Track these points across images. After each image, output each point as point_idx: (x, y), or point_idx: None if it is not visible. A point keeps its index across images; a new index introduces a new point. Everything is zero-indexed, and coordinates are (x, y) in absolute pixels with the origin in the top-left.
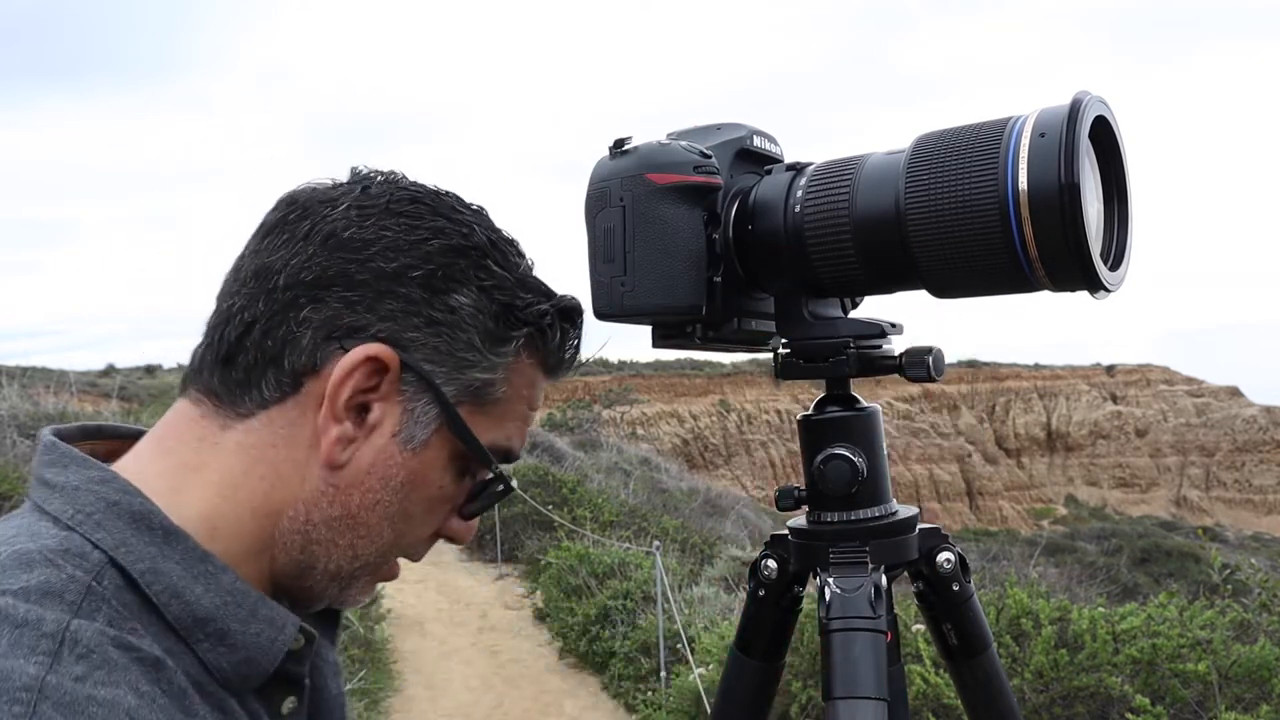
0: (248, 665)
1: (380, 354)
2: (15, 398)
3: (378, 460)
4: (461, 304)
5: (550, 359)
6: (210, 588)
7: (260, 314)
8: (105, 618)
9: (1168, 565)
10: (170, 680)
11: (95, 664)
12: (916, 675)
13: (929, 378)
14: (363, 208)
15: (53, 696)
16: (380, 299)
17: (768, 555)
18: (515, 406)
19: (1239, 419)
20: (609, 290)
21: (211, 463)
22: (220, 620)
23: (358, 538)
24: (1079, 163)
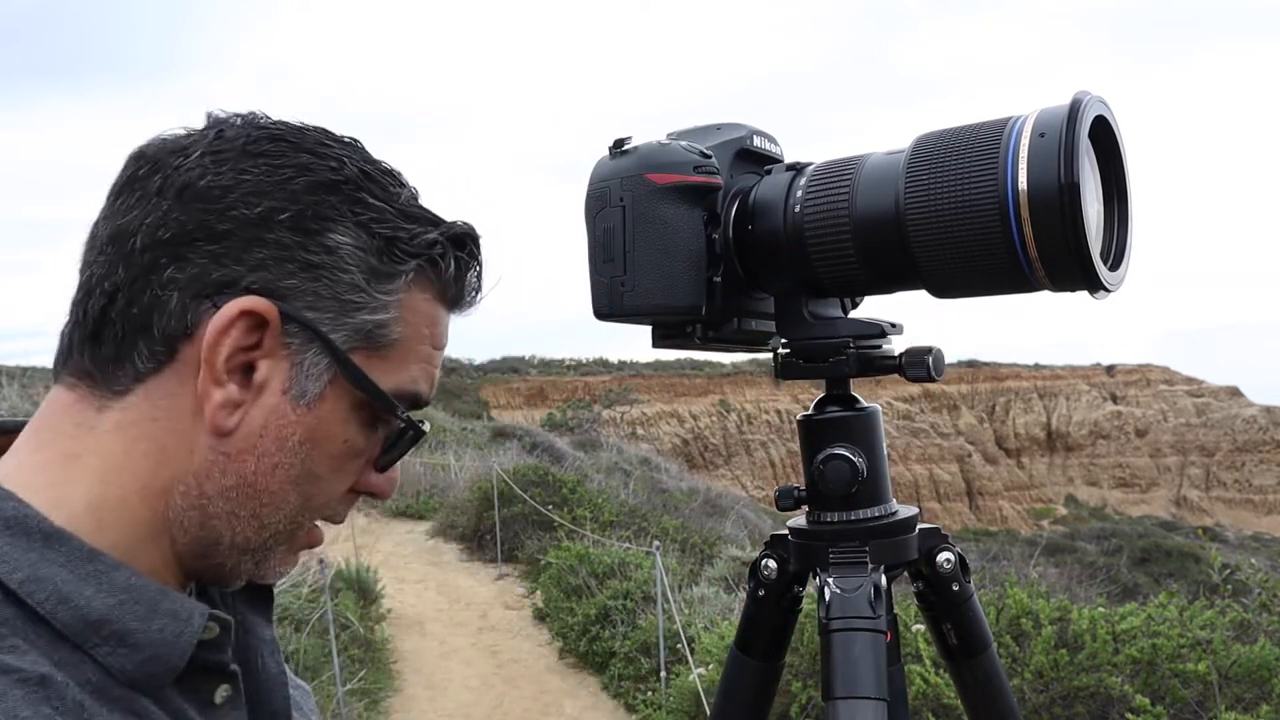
0: (154, 663)
1: (256, 307)
2: (15, 398)
3: (270, 421)
4: (339, 243)
5: (449, 291)
6: (102, 588)
7: (121, 281)
8: None
9: (1168, 565)
10: (61, 696)
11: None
12: (916, 675)
13: (929, 378)
14: (218, 153)
15: None
16: (248, 248)
17: (768, 555)
18: (416, 347)
19: (1239, 419)
20: (609, 290)
21: (90, 448)
22: (116, 621)
23: (260, 506)
24: (1079, 163)
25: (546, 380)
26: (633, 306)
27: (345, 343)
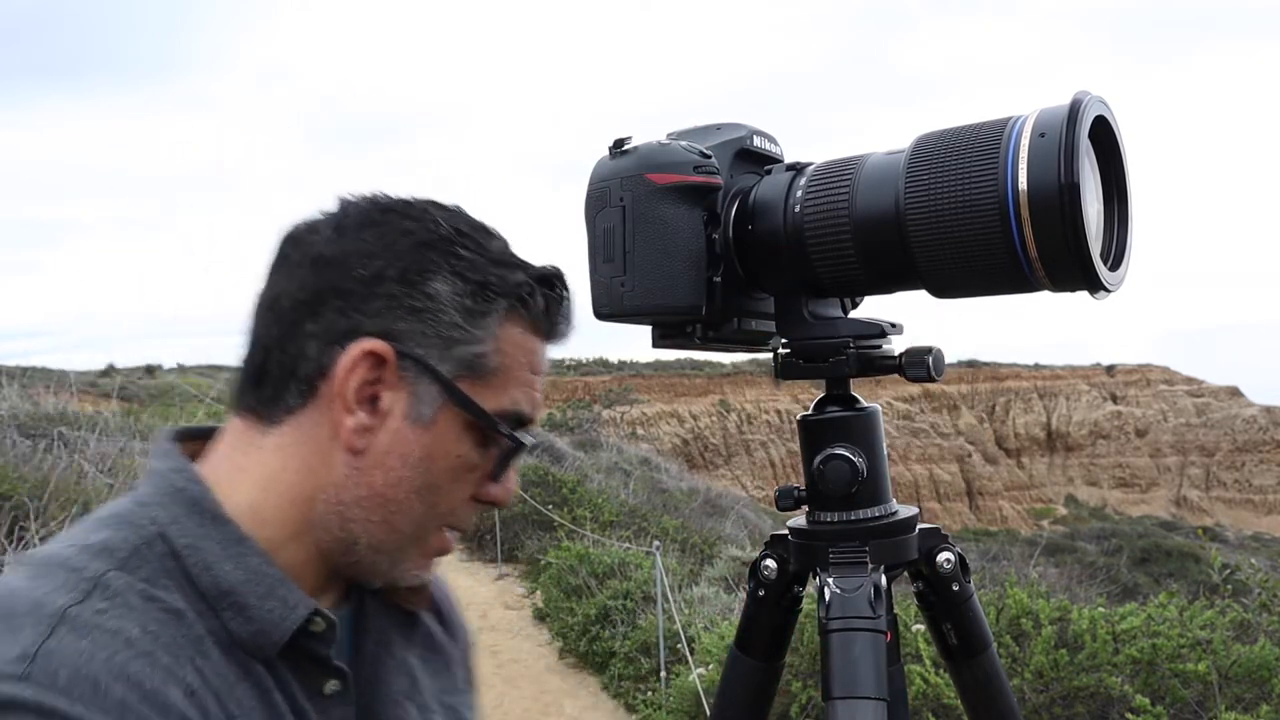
0: (261, 636)
1: (375, 347)
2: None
3: (394, 441)
4: (438, 290)
5: (540, 323)
6: (238, 566)
7: (274, 337)
8: (143, 574)
9: (1168, 565)
10: (188, 628)
11: (116, 604)
12: (916, 675)
13: (929, 378)
14: (340, 227)
15: (71, 622)
16: (366, 300)
17: (768, 555)
18: (515, 373)
19: (1239, 419)
20: (609, 290)
21: (254, 464)
22: (240, 594)
23: (390, 513)
24: (1079, 163)
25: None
26: (633, 306)
27: (451, 372)
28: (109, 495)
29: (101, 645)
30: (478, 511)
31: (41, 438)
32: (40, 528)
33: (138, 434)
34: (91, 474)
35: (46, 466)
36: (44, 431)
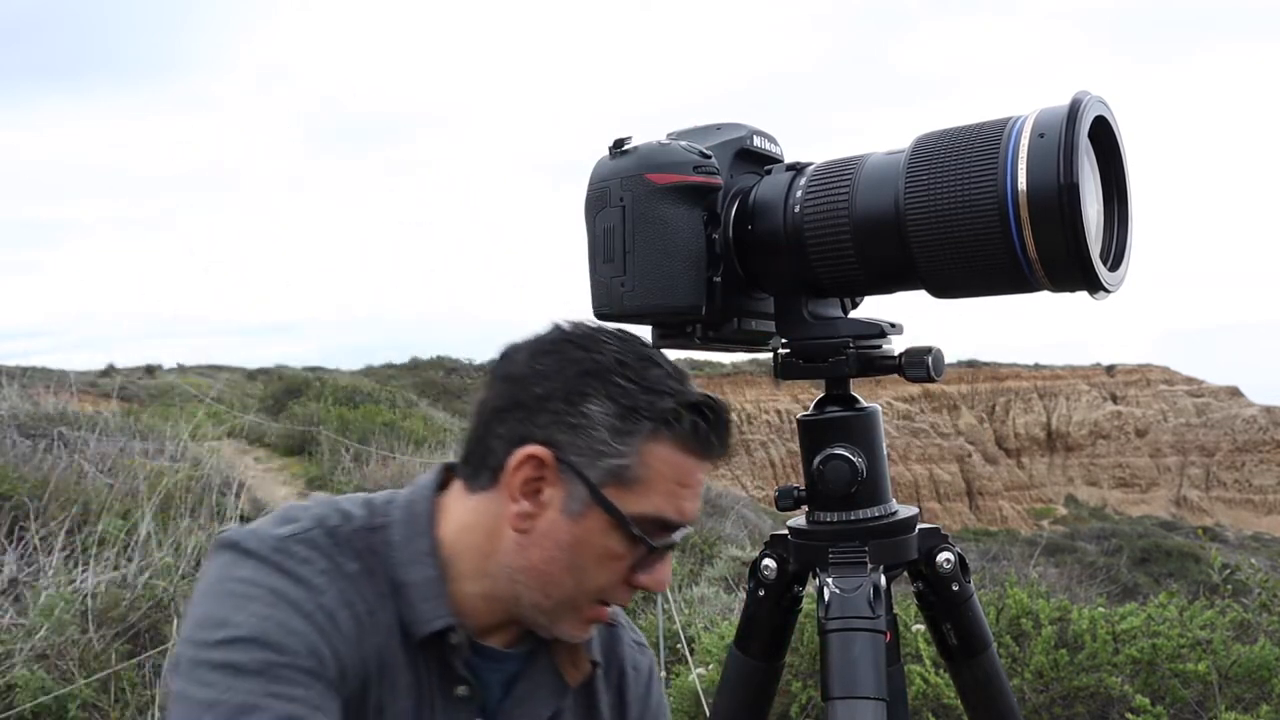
0: (412, 626)
1: (538, 453)
2: (15, 398)
3: (550, 528)
4: (592, 410)
5: (688, 443)
6: (416, 572)
7: (478, 433)
8: (363, 541)
9: (1168, 565)
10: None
11: (338, 542)
12: (916, 675)
13: (928, 378)
14: (532, 352)
15: (311, 534)
16: (537, 414)
17: (767, 555)
18: (659, 484)
19: (1239, 419)
20: (609, 290)
21: (459, 512)
22: (409, 591)
23: (545, 584)
24: (1078, 163)
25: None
26: (633, 306)
27: (598, 479)
28: (109, 495)
29: (324, 553)
30: (627, 593)
31: (41, 438)
32: (40, 527)
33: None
34: (91, 474)
35: (46, 466)
36: (44, 431)
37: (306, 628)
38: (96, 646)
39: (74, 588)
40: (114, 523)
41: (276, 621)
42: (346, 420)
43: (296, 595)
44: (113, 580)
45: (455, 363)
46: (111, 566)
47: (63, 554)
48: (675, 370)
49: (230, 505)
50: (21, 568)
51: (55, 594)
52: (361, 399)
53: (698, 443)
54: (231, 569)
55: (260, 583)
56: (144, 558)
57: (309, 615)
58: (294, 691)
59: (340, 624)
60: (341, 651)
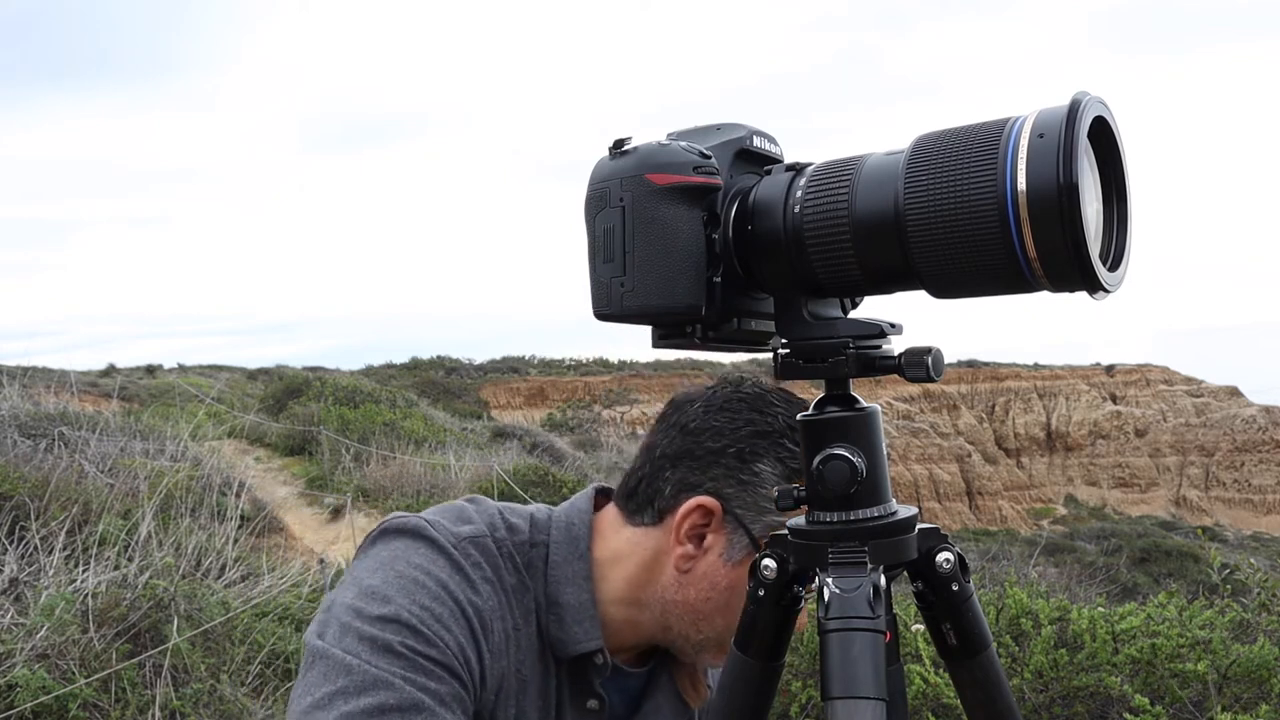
0: (560, 645)
1: (707, 503)
2: (16, 398)
3: (709, 570)
4: (763, 469)
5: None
6: (572, 595)
7: (646, 473)
8: (523, 556)
9: (1167, 565)
10: (526, 598)
11: (502, 553)
12: (916, 675)
13: (928, 378)
14: (707, 406)
15: (483, 542)
16: (710, 467)
17: (767, 555)
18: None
19: (1238, 419)
20: (608, 290)
21: (616, 540)
22: (562, 611)
23: (697, 619)
24: (1078, 163)
25: (546, 380)
26: (633, 307)
27: (759, 533)
28: (109, 495)
29: (489, 562)
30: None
31: (42, 438)
32: (41, 527)
33: (138, 434)
34: (92, 474)
35: (47, 466)
36: (44, 431)
37: (462, 629)
38: (97, 646)
39: (74, 587)
40: (114, 522)
41: (436, 615)
42: (347, 420)
43: (462, 596)
44: (113, 580)
45: (455, 363)
46: (112, 566)
47: (63, 554)
48: None
49: (231, 505)
50: (22, 567)
51: (56, 594)
52: (361, 399)
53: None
54: (410, 554)
55: (434, 574)
56: (144, 558)
57: (468, 618)
58: (429, 684)
59: (493, 633)
60: (487, 660)
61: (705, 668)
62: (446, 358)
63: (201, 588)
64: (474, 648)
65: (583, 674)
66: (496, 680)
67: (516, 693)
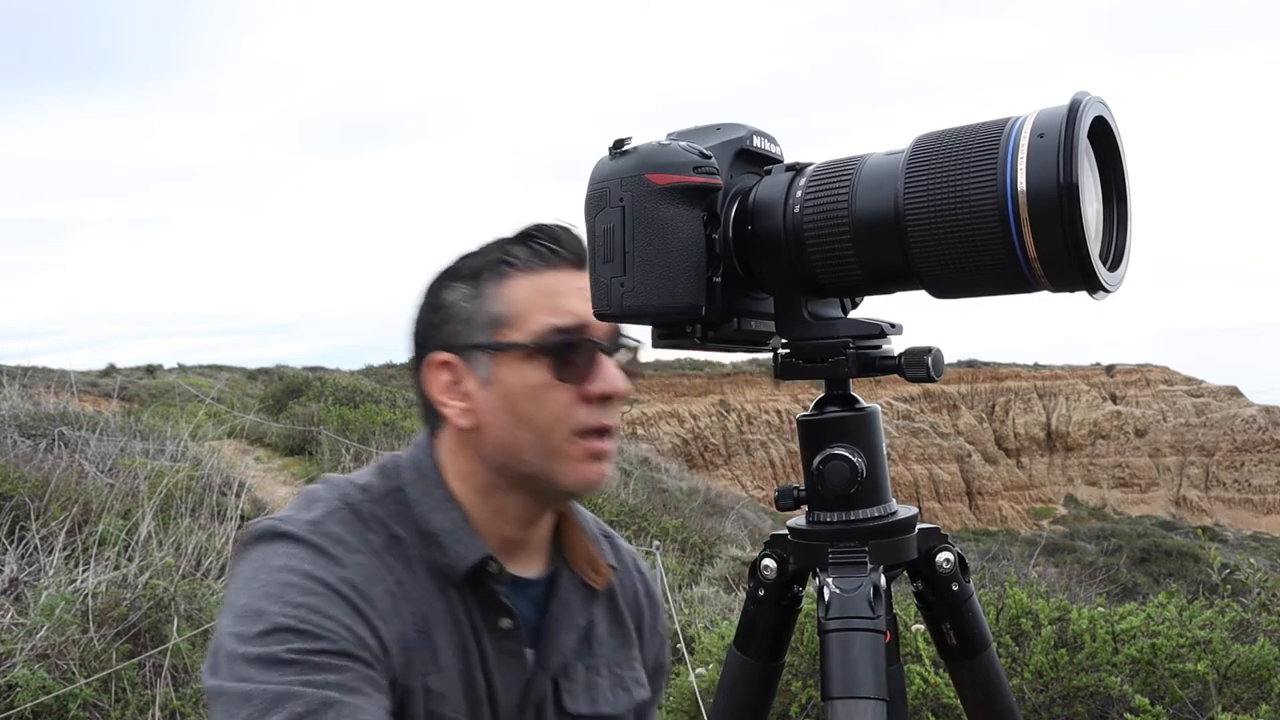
0: (450, 568)
1: (435, 359)
2: (16, 398)
3: (484, 406)
4: (450, 298)
5: (534, 263)
6: (440, 519)
7: (418, 396)
8: (384, 509)
9: (1167, 565)
10: (404, 550)
11: (362, 518)
12: (916, 675)
13: (928, 378)
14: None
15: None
16: (424, 340)
17: (767, 555)
18: (532, 306)
19: (1238, 419)
20: (609, 290)
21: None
22: (441, 536)
23: (515, 451)
24: (1078, 163)
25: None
26: (632, 307)
27: (484, 338)
28: (109, 495)
29: (352, 533)
30: (594, 410)
31: (42, 437)
32: (41, 527)
33: (138, 434)
34: (92, 473)
35: (47, 466)
36: (45, 431)
37: (343, 610)
38: (97, 646)
39: (74, 587)
40: (114, 522)
41: (311, 608)
42: (347, 420)
43: (332, 578)
44: (113, 580)
45: None
46: (112, 566)
47: (63, 554)
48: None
49: (230, 505)
50: (22, 567)
51: (56, 594)
52: (361, 399)
53: (541, 259)
54: (268, 558)
55: (296, 569)
56: (144, 557)
57: (345, 597)
58: (329, 677)
59: (375, 601)
60: (379, 628)
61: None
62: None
63: (201, 588)
64: (362, 622)
65: (486, 594)
66: (397, 642)
67: (422, 641)
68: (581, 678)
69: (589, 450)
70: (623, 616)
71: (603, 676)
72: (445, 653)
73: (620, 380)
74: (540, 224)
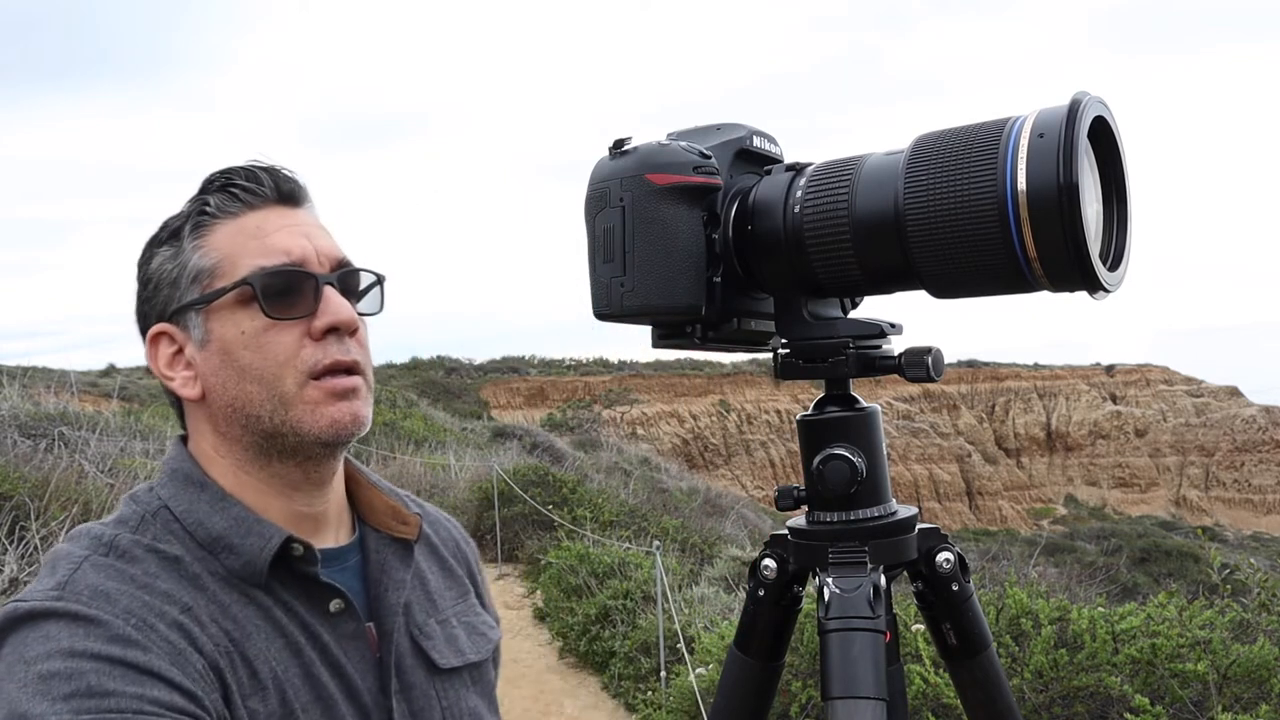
0: (249, 566)
1: (152, 332)
2: (16, 398)
3: (208, 369)
4: (153, 268)
5: (229, 206)
6: (224, 517)
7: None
8: (149, 534)
9: (1167, 565)
10: (185, 570)
11: (124, 556)
12: (916, 675)
13: (928, 378)
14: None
15: (91, 563)
16: (144, 318)
17: (767, 555)
18: (238, 250)
19: (1238, 419)
20: (609, 290)
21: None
22: (227, 537)
23: (247, 406)
24: (1078, 163)
25: (546, 380)
26: (633, 307)
27: (191, 296)
28: (109, 495)
29: (112, 577)
30: (325, 348)
31: (42, 438)
32: (40, 527)
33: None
34: (92, 474)
35: (47, 466)
36: (44, 431)
37: (125, 678)
38: None
39: None
40: None
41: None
42: None
43: (98, 645)
44: None
45: (455, 363)
46: None
47: None
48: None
49: None
50: (22, 567)
51: None
52: None
53: (241, 202)
54: (22, 649)
55: (55, 651)
56: None
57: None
58: None
59: (156, 644)
60: (176, 675)
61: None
62: (446, 358)
63: None
64: (152, 680)
65: (300, 579)
66: (206, 671)
67: (230, 666)
68: (439, 633)
69: (328, 390)
70: (450, 565)
71: (456, 627)
72: (268, 664)
73: (346, 309)
74: (233, 166)
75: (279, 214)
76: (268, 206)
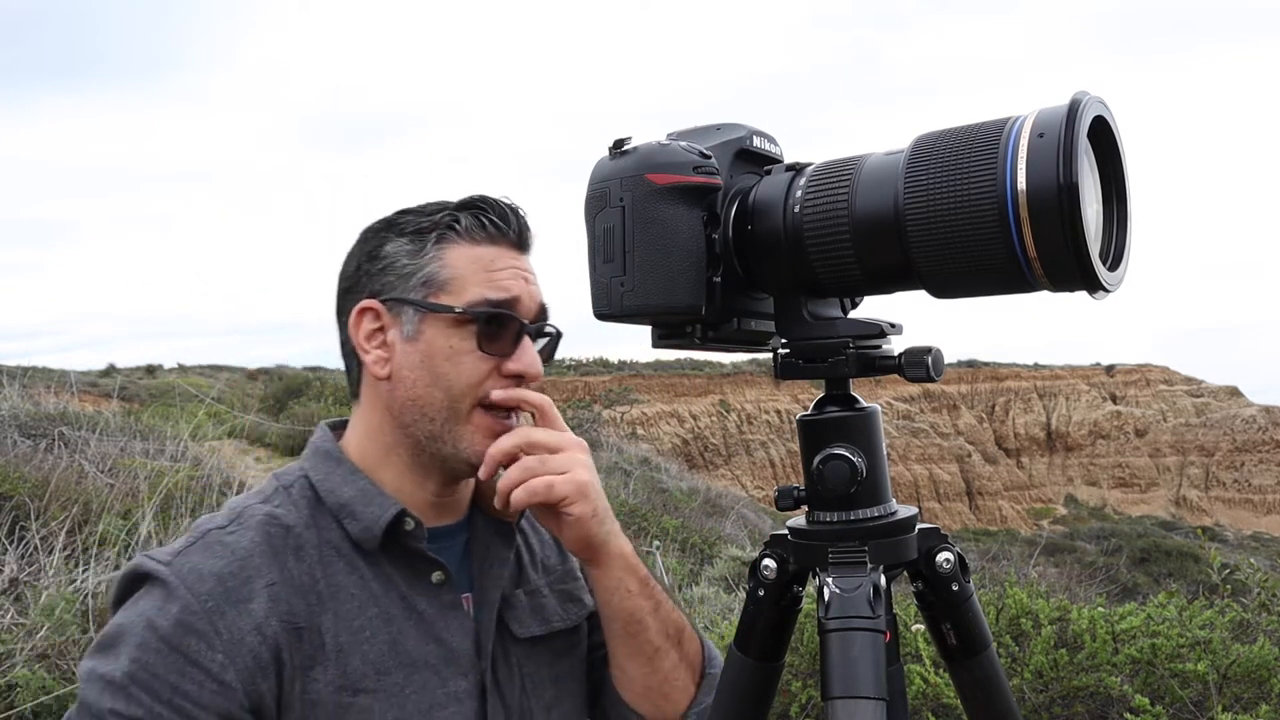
0: (366, 532)
1: (364, 305)
2: (16, 398)
3: (403, 359)
4: (387, 250)
5: (477, 234)
6: (348, 489)
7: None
8: (276, 502)
9: (1167, 565)
10: (291, 539)
11: (242, 525)
12: (916, 675)
13: (928, 378)
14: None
15: (205, 539)
16: (356, 286)
17: (767, 555)
18: (470, 275)
19: (1238, 419)
20: (609, 290)
21: (357, 426)
22: (352, 506)
23: (422, 409)
24: (1078, 163)
25: (547, 380)
26: (632, 306)
27: (417, 295)
28: (109, 495)
29: (214, 555)
30: (509, 386)
31: (42, 438)
32: (40, 527)
33: (138, 434)
34: (92, 474)
35: (47, 466)
36: (45, 431)
37: (169, 673)
38: None
39: (75, 587)
40: (114, 522)
41: (141, 666)
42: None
43: (171, 633)
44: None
45: None
46: (112, 566)
47: (63, 554)
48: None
49: None
50: (22, 567)
51: (56, 593)
52: None
53: (486, 233)
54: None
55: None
56: None
57: (179, 653)
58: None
59: (217, 642)
60: (216, 669)
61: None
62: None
63: None
64: (195, 669)
65: (407, 552)
66: (260, 656)
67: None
68: (524, 604)
69: (492, 426)
70: (545, 538)
71: (547, 596)
72: (342, 634)
73: (537, 363)
74: (487, 197)
75: (511, 255)
76: (505, 245)
